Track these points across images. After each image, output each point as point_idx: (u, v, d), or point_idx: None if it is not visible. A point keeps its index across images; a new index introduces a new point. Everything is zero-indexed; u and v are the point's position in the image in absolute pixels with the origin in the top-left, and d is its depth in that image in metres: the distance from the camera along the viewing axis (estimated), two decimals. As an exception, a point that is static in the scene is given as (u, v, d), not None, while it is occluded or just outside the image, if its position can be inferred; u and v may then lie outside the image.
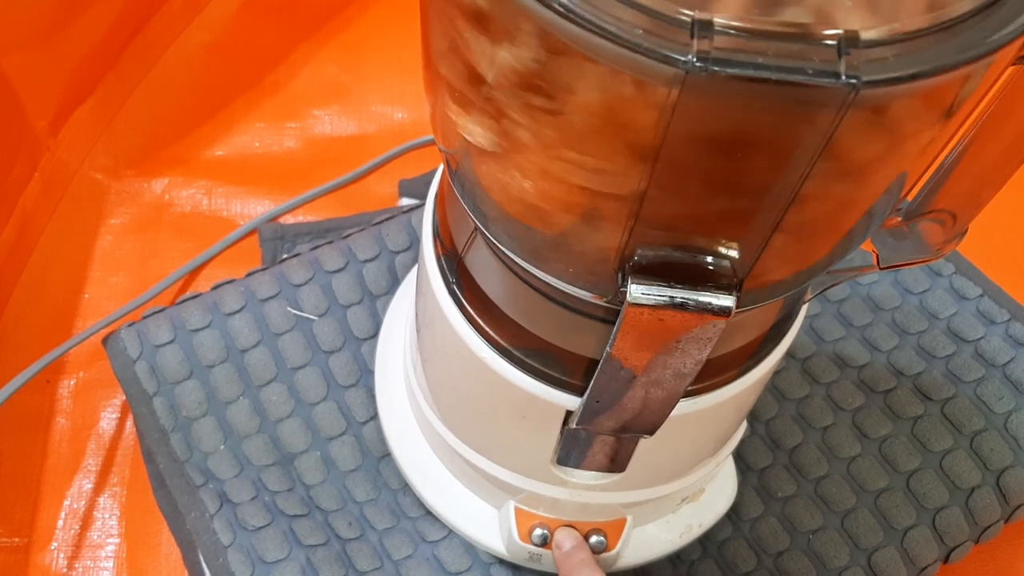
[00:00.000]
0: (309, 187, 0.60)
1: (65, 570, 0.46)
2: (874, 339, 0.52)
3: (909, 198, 0.31)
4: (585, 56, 0.18)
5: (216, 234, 0.57)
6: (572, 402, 0.32)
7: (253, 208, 0.60)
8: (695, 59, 0.16)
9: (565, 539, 0.41)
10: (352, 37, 0.69)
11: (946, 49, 0.17)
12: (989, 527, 0.47)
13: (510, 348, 0.32)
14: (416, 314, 0.41)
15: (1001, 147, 0.29)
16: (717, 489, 0.45)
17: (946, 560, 0.46)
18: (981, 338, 0.52)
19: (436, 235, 0.35)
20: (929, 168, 0.25)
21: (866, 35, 0.17)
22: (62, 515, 0.47)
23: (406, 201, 0.60)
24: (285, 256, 0.52)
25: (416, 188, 0.61)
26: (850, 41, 0.16)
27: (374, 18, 0.70)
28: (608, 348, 0.25)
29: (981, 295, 0.53)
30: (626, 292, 0.22)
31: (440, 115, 0.26)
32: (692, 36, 0.16)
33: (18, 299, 0.54)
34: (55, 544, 0.47)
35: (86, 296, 0.55)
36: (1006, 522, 0.48)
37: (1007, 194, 0.31)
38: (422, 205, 0.54)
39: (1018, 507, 0.47)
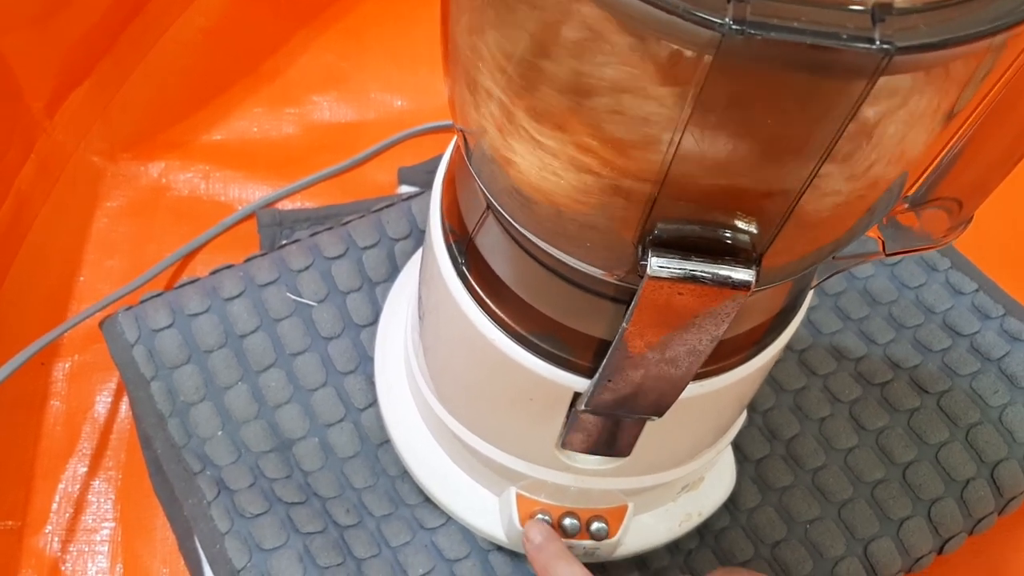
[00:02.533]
0: (307, 173, 0.60)
1: (59, 554, 0.45)
2: (871, 332, 0.53)
3: (916, 187, 0.32)
4: (615, 23, 0.18)
5: (213, 218, 0.57)
6: (581, 383, 0.32)
7: (251, 193, 0.59)
8: (731, 22, 0.16)
9: (535, 532, 0.38)
10: (351, 24, 0.68)
11: (976, 19, 0.17)
12: (983, 519, 0.47)
13: (519, 330, 0.32)
14: (419, 300, 0.41)
15: (1009, 133, 0.29)
16: (716, 478, 0.46)
17: (940, 551, 0.47)
18: (976, 332, 0.52)
19: (444, 217, 0.35)
20: (944, 149, 0.25)
21: (899, 2, 0.17)
22: (56, 499, 0.47)
23: (405, 188, 0.60)
24: (284, 242, 0.52)
25: (415, 176, 0.60)
26: (884, 8, 0.16)
27: (373, 5, 0.69)
28: (624, 324, 0.25)
29: (976, 290, 0.54)
30: (645, 265, 0.22)
31: (459, 93, 0.26)
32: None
33: (13, 281, 0.54)
34: (49, 528, 0.46)
35: (81, 279, 0.55)
36: (999, 514, 0.48)
37: (1003, 190, 0.31)
38: (422, 193, 0.54)
39: (1012, 499, 0.48)
